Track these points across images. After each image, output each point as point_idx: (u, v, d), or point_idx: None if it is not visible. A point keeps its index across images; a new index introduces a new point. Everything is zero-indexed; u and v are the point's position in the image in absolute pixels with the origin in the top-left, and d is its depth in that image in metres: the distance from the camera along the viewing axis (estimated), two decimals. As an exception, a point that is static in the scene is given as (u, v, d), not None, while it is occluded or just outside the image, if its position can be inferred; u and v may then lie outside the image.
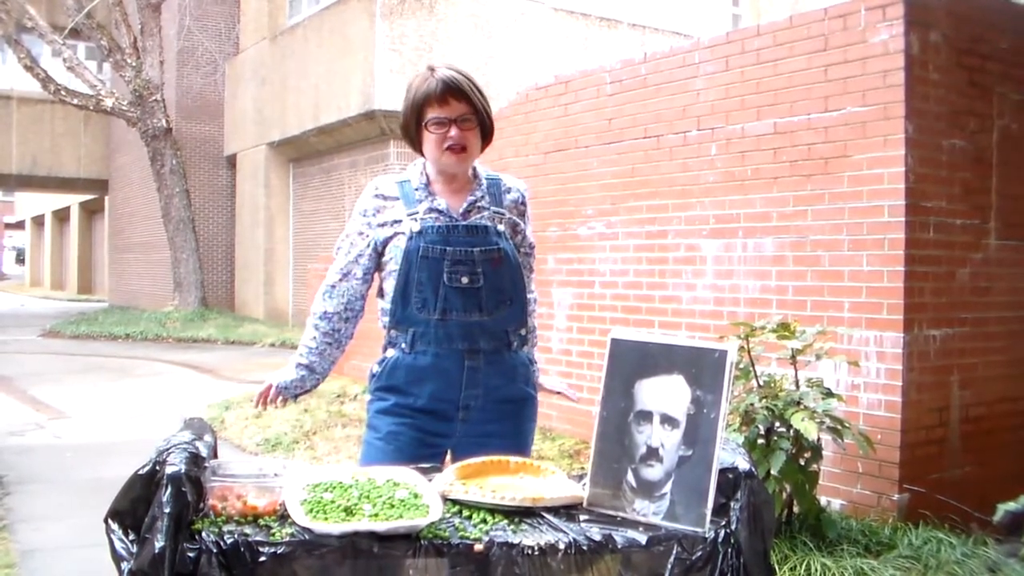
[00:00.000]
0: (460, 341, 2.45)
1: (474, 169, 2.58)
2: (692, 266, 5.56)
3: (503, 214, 2.54)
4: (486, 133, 2.52)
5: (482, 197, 2.53)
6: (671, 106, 5.70)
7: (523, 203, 2.62)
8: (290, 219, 18.45)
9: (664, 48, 6.08)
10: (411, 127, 2.49)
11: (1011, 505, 3.70)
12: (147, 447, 1.87)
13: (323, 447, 6.73)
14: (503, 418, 2.52)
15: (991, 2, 5.01)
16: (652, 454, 1.91)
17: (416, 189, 2.51)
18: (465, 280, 2.43)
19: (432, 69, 2.46)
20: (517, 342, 2.55)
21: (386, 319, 2.52)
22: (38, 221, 40.80)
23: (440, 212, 2.47)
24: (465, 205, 2.50)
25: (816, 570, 3.62)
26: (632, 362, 1.98)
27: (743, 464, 1.92)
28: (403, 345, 2.48)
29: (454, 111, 2.43)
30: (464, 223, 2.48)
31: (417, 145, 2.52)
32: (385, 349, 2.55)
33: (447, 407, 2.48)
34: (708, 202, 5.44)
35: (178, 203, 18.02)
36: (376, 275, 2.59)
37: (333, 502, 1.81)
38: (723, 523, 1.85)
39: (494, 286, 2.47)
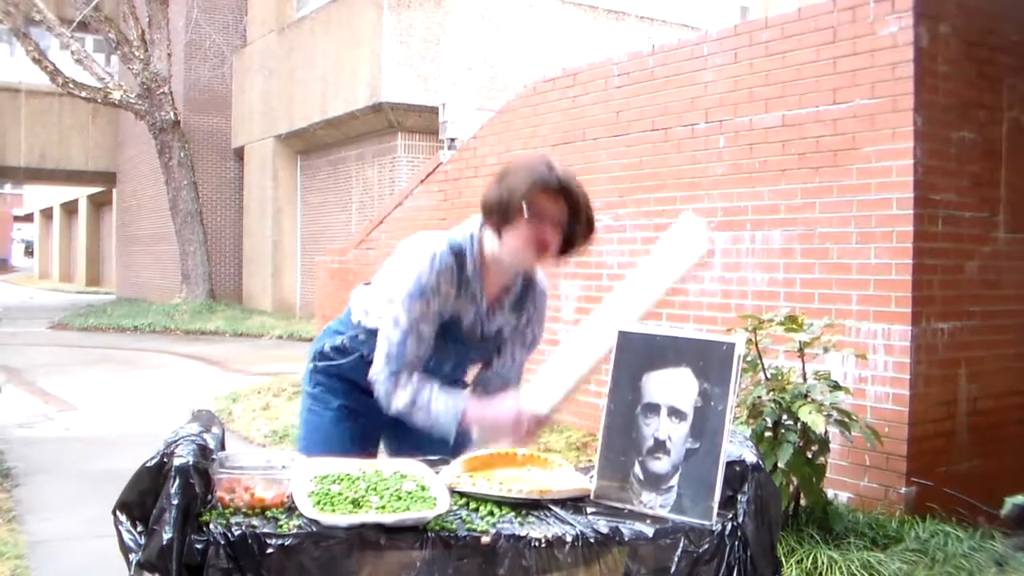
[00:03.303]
0: None
1: None
2: (700, 259, 5.54)
3: (520, 316, 2.49)
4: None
5: (512, 291, 2.45)
6: (679, 99, 5.69)
7: (543, 303, 2.54)
8: (298, 211, 18.46)
9: (672, 40, 6.06)
10: (507, 208, 2.24)
11: (1019, 499, 3.70)
12: (155, 439, 1.88)
13: (330, 439, 6.73)
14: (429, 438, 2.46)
15: (1001, -6, 4.99)
16: (659, 447, 1.91)
17: (470, 278, 2.35)
18: (447, 368, 2.45)
19: (551, 166, 2.26)
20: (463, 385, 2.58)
21: (368, 336, 2.45)
22: (47, 214, 40.91)
23: (474, 295, 2.37)
24: (494, 298, 2.42)
25: (823, 563, 3.61)
26: (639, 355, 1.98)
27: (750, 457, 1.92)
28: (364, 352, 2.45)
29: (562, 213, 2.27)
30: (485, 320, 2.41)
31: (499, 225, 2.27)
32: (349, 335, 2.51)
33: (379, 416, 2.46)
34: (716, 195, 5.43)
35: (186, 195, 18.06)
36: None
37: (340, 494, 1.82)
38: (730, 516, 1.85)
39: (477, 380, 2.54)
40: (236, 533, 1.68)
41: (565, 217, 2.27)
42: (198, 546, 1.66)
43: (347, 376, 2.55)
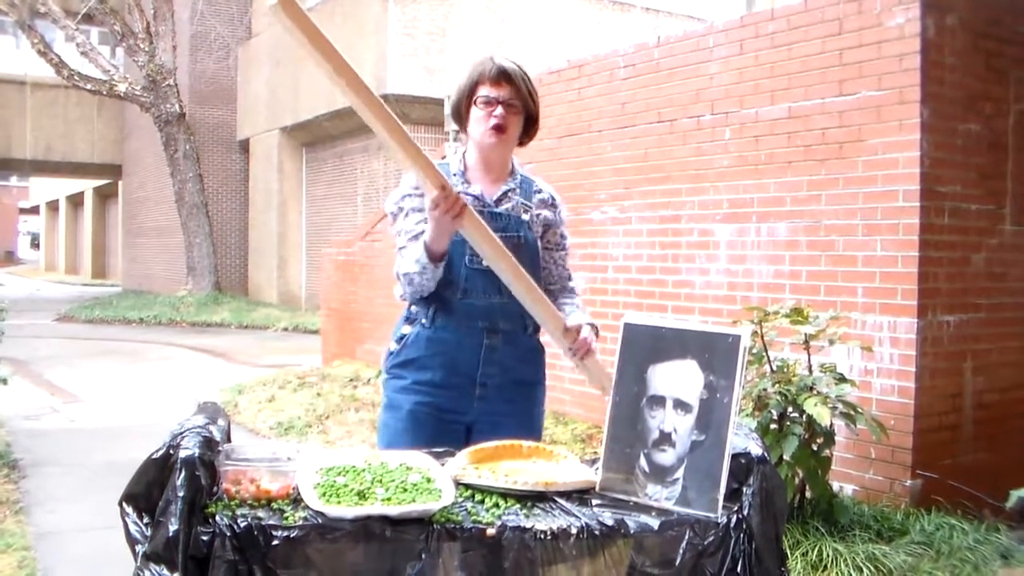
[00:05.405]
0: (480, 319, 2.51)
1: (513, 165, 2.66)
2: (705, 251, 5.54)
3: (530, 207, 2.62)
4: (529, 126, 2.62)
5: (515, 189, 2.62)
6: (685, 90, 5.68)
7: (553, 203, 2.69)
8: (303, 204, 18.47)
9: (677, 32, 6.04)
10: (461, 104, 2.60)
11: (1024, 491, 3.69)
12: (161, 431, 1.88)
13: (336, 431, 6.75)
14: (517, 399, 2.57)
15: (1009, -15, 4.96)
16: (665, 439, 1.91)
17: (454, 175, 2.57)
18: (485, 263, 2.48)
19: (492, 57, 2.59)
20: (532, 327, 2.60)
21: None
22: (52, 206, 40.97)
23: (475, 197, 2.54)
24: (498, 193, 2.59)
25: (828, 555, 3.62)
26: (645, 347, 1.98)
27: (756, 449, 1.92)
28: (423, 320, 2.54)
29: (503, 92, 2.53)
30: (494, 210, 2.55)
31: (464, 122, 2.62)
32: (401, 326, 2.60)
33: (464, 383, 2.52)
34: (722, 186, 5.42)
35: (191, 188, 18.07)
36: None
37: (346, 486, 1.82)
38: (735, 508, 1.85)
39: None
40: (242, 525, 1.69)
41: (513, 98, 2.54)
42: (204, 538, 1.67)
43: (418, 366, 2.55)
